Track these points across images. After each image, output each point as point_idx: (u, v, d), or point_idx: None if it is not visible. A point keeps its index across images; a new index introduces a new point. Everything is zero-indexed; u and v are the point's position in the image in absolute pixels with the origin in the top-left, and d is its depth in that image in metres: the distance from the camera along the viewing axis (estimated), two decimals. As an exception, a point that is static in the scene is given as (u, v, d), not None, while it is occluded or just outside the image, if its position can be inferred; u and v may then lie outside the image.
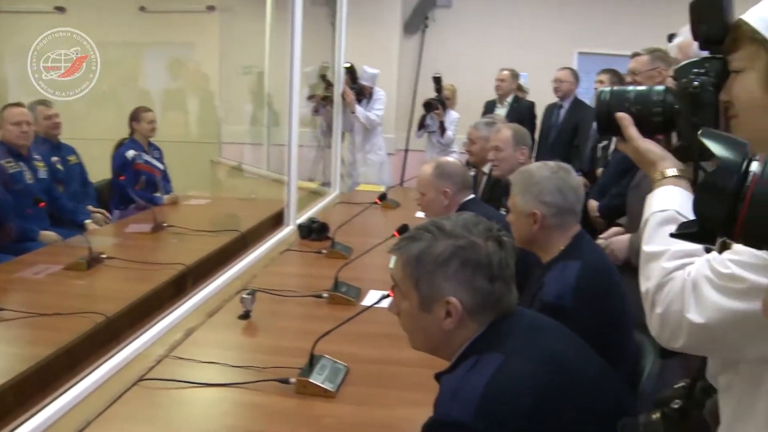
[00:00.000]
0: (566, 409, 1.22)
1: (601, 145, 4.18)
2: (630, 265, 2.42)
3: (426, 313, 1.34)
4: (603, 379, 1.37)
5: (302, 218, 3.97)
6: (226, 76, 6.37)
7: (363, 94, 5.50)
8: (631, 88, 1.22)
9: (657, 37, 4.28)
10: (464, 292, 1.30)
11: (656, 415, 1.13)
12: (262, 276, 2.91)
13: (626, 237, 2.58)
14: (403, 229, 2.74)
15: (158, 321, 2.33)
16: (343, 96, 5.37)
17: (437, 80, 5.74)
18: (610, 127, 1.21)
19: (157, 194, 4.34)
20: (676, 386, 1.13)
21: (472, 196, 2.88)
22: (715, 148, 0.75)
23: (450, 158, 2.97)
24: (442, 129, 5.70)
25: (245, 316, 2.37)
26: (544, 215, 1.99)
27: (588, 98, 5.84)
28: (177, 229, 3.71)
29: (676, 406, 1.09)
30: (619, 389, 1.43)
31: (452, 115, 5.83)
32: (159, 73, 5.84)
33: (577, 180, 2.11)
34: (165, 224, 3.73)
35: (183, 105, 6.19)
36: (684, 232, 0.80)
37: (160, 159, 4.44)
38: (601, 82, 4.80)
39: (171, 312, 2.43)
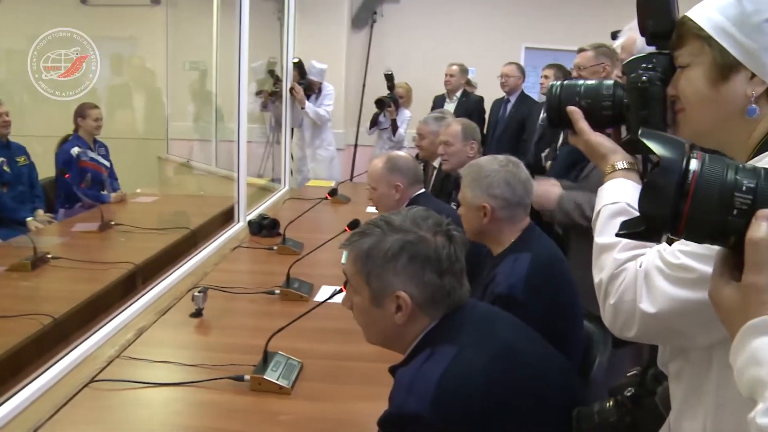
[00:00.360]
0: (520, 399, 1.25)
1: (559, 144, 4.25)
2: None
3: (377, 308, 1.35)
4: (555, 369, 1.41)
5: (252, 214, 3.94)
6: (173, 72, 6.23)
7: (312, 89, 5.48)
8: (581, 81, 1.22)
9: (603, 32, 4.35)
10: (414, 287, 1.31)
11: (609, 403, 1.16)
12: (213, 273, 2.89)
13: (557, 191, 2.58)
14: (354, 225, 2.75)
15: (108, 321, 2.28)
16: (292, 92, 5.34)
17: (389, 77, 5.73)
18: (561, 121, 1.23)
19: (104, 192, 4.24)
20: (628, 374, 1.16)
21: (422, 190, 2.90)
22: (656, 147, 0.76)
23: (401, 152, 2.98)
24: (394, 127, 5.71)
25: (197, 314, 2.35)
26: (493, 208, 2.02)
27: (535, 93, 5.95)
28: (125, 227, 3.63)
29: (628, 394, 1.13)
30: (571, 379, 1.47)
31: (405, 114, 5.85)
32: (102, 68, 5.69)
33: (526, 173, 2.14)
34: (112, 222, 3.66)
35: (128, 101, 6.04)
36: (630, 232, 0.80)
37: (106, 156, 4.33)
38: (546, 77, 4.89)
39: (121, 312, 2.38)
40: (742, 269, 0.68)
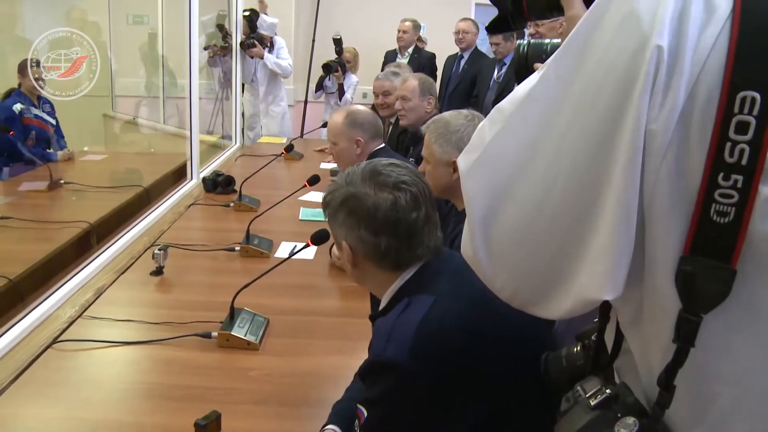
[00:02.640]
0: (494, 347, 1.26)
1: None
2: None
3: (340, 251, 1.41)
4: (526, 319, 1.43)
5: (205, 171, 3.88)
6: (117, 26, 5.97)
7: (263, 43, 5.36)
8: (547, 41, 1.24)
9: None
10: (353, 240, 1.34)
11: (577, 348, 1.18)
12: (170, 231, 2.84)
13: None
14: (313, 180, 2.73)
15: (66, 281, 2.22)
16: (243, 46, 5.21)
17: (337, 42, 5.64)
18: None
19: (50, 150, 4.07)
20: (594, 320, 1.18)
21: (382, 144, 2.88)
22: None
23: (360, 106, 2.95)
24: (341, 91, 5.64)
25: (158, 272, 2.31)
26: (464, 163, 2.01)
27: (484, 50, 5.94)
28: (75, 186, 3.51)
29: (594, 338, 1.15)
30: (541, 328, 1.50)
31: (351, 79, 5.77)
32: (39, 21, 5.40)
33: None
34: (62, 181, 3.53)
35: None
36: (490, 24, 1.03)
37: (51, 113, 4.14)
38: (496, 44, 4.87)
39: (79, 272, 2.31)
40: None
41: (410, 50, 5.81)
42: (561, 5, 0.91)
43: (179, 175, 3.80)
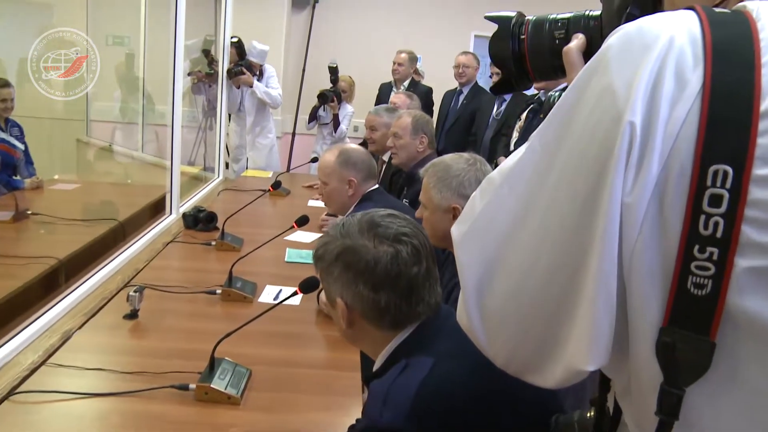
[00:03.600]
0: (498, 410, 1.25)
1: (513, 139, 4.30)
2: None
3: (333, 309, 1.41)
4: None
5: (186, 206, 3.86)
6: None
7: (252, 71, 5.40)
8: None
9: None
10: (350, 297, 1.34)
11: (590, 413, 1.18)
12: (146, 271, 2.81)
13: None
14: (302, 221, 2.73)
15: (29, 324, 2.17)
16: (231, 74, 5.24)
17: (333, 70, 5.69)
18: None
19: (17, 177, 4.04)
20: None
21: (376, 186, 2.89)
22: (496, 15, 1.04)
23: (354, 145, 2.96)
24: (336, 123, 5.68)
25: (132, 315, 2.27)
26: (465, 209, 2.02)
27: (484, 84, 6.01)
28: (44, 217, 3.47)
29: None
30: (547, 390, 1.49)
31: (347, 109, 5.83)
32: (12, 39, 5.42)
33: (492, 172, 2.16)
34: (29, 212, 3.49)
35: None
36: (494, 85, 1.10)
37: (20, 138, 4.12)
38: (499, 74, 4.93)
39: (44, 313, 2.27)
40: None
41: (406, 83, 5.88)
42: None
43: (157, 208, 3.77)
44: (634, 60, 0.69)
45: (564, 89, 1.29)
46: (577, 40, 0.95)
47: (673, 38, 0.68)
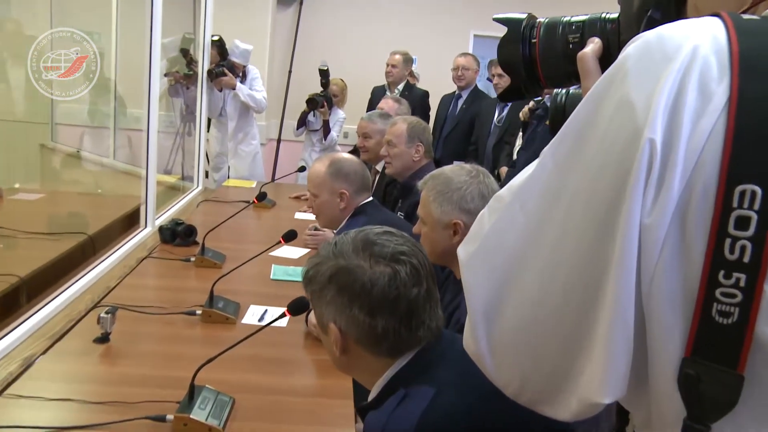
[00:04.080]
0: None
1: (517, 147, 4.32)
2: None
3: (325, 335, 1.40)
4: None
5: (162, 218, 3.85)
6: (61, 43, 5.97)
7: (234, 72, 5.40)
8: None
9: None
10: (344, 322, 1.33)
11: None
12: (118, 290, 2.78)
13: None
14: (289, 236, 2.72)
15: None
16: (211, 75, 5.24)
17: (324, 73, 5.70)
18: None
19: (-27, 187, 4.02)
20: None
21: (370, 198, 2.90)
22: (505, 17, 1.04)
23: (346, 155, 2.96)
24: (326, 129, 5.70)
25: (103, 339, 2.25)
26: (466, 225, 2.03)
27: (483, 88, 6.04)
28: (3, 231, 3.43)
29: None
30: (554, 420, 1.48)
31: (338, 115, 5.85)
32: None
33: (496, 185, 2.16)
34: (-13, 225, 3.47)
35: (2, 74, 5.74)
36: (504, 93, 1.09)
37: (-22, 143, 4.11)
38: (499, 75, 4.94)
39: (2, 337, 2.24)
40: None
41: (400, 87, 5.90)
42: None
43: (131, 221, 3.75)
44: (655, 71, 0.69)
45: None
46: (593, 45, 0.94)
47: (697, 48, 0.68)
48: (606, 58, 0.92)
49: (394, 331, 1.32)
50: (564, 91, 1.27)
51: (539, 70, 1.03)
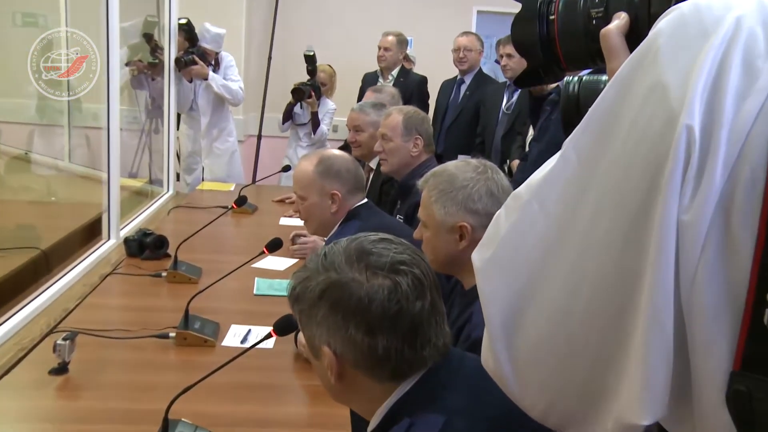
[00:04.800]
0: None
1: (529, 137, 4.30)
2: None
3: (317, 360, 1.39)
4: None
5: (128, 229, 3.84)
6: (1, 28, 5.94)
7: (206, 60, 5.39)
8: (605, 77, 1.25)
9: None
10: (339, 344, 1.33)
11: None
12: (78, 311, 2.77)
13: None
14: (274, 245, 2.70)
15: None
16: (180, 64, 5.22)
17: (310, 59, 5.70)
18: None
19: None
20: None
21: (365, 200, 2.90)
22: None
23: (336, 151, 2.94)
24: (315, 122, 5.70)
25: (61, 369, 2.23)
26: (473, 228, 2.01)
27: (489, 71, 6.04)
28: (-59, 246, 3.43)
29: None
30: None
31: (328, 105, 5.86)
32: None
33: (507, 181, 2.15)
34: None
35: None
36: (519, 77, 1.09)
37: None
38: (509, 55, 4.92)
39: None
40: None
41: (395, 72, 5.91)
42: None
43: (91, 233, 3.75)
44: (691, 48, 0.68)
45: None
46: (619, 20, 0.93)
47: (741, 19, 0.67)
48: (634, 35, 0.90)
49: (396, 351, 1.31)
50: (576, 78, 1.25)
51: (559, 50, 1.02)
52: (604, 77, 1.26)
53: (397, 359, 1.31)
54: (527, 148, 4.46)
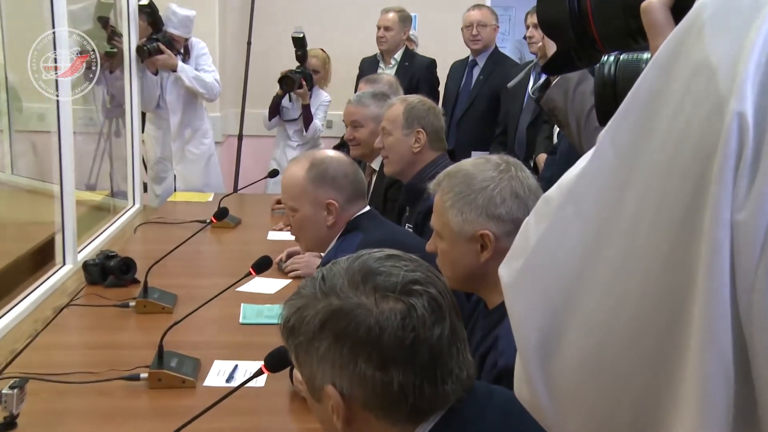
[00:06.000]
0: None
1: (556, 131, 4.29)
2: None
3: (318, 402, 1.40)
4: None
5: (87, 251, 3.84)
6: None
7: (173, 48, 5.38)
8: (646, 55, 1.25)
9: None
10: (346, 382, 1.33)
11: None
12: (28, 353, 2.75)
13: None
14: (262, 265, 2.70)
15: None
16: (141, 52, 5.23)
17: (299, 42, 5.71)
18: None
19: None
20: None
21: (367, 208, 2.91)
22: None
23: (331, 151, 2.94)
24: (308, 117, 5.72)
25: (8, 425, 2.21)
26: (497, 236, 2.01)
27: (508, 50, 6.03)
28: None
29: None
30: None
31: (322, 96, 5.90)
32: None
33: (534, 179, 2.15)
34: None
35: None
36: (547, 63, 1.12)
37: None
38: (537, 26, 4.92)
39: None
40: None
41: (398, 56, 5.92)
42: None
43: (42, 257, 3.73)
44: (740, 23, 0.69)
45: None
46: None
47: None
48: (680, 8, 0.89)
49: (414, 387, 1.32)
50: (612, 58, 1.25)
51: (593, 28, 1.03)
52: (646, 54, 1.26)
53: (415, 396, 1.32)
54: (555, 140, 4.45)
